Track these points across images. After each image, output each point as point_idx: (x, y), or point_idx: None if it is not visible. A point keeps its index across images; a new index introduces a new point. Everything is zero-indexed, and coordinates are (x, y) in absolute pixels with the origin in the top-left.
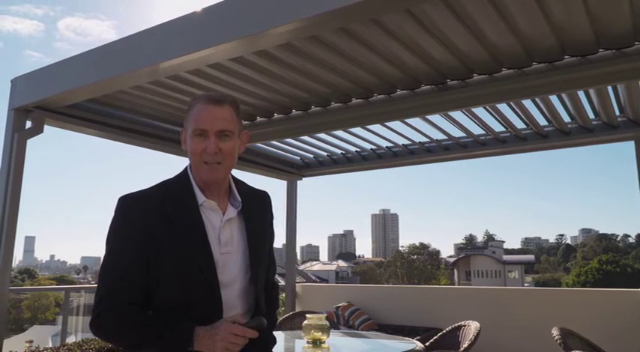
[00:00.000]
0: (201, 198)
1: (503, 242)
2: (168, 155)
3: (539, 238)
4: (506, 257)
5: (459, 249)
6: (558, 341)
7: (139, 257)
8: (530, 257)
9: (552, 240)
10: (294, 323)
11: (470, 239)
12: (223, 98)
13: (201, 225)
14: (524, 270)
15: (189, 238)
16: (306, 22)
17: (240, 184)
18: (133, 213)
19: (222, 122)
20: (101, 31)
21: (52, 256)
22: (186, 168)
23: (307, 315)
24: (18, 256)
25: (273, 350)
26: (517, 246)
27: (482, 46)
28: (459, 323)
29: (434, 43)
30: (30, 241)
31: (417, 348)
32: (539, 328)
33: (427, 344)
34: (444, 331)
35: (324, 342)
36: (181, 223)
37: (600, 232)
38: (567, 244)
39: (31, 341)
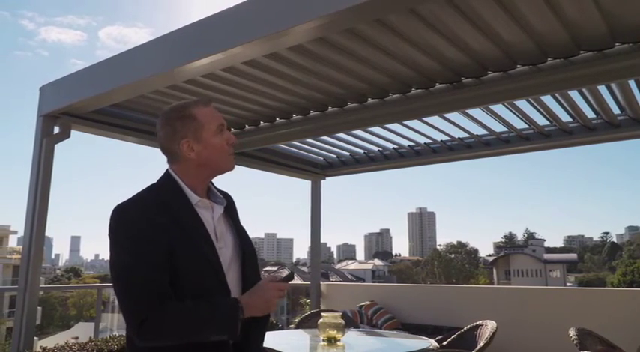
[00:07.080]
0: (194, 198)
1: (544, 240)
2: None
3: (583, 236)
4: (547, 256)
5: (498, 247)
6: (574, 341)
7: (158, 256)
8: (573, 256)
9: (597, 238)
10: (314, 321)
11: (509, 237)
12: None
13: (202, 223)
14: (567, 269)
15: (197, 238)
16: (316, 23)
17: (211, 183)
18: (136, 218)
19: None
20: (139, 38)
21: (97, 255)
22: (167, 173)
23: (323, 314)
24: (65, 255)
25: (287, 347)
26: (559, 244)
27: (495, 44)
28: (477, 323)
29: (446, 43)
30: (76, 241)
31: (431, 347)
32: (564, 328)
33: (445, 342)
34: (462, 330)
35: (339, 340)
36: (185, 224)
37: None
38: (613, 242)
39: (76, 338)
